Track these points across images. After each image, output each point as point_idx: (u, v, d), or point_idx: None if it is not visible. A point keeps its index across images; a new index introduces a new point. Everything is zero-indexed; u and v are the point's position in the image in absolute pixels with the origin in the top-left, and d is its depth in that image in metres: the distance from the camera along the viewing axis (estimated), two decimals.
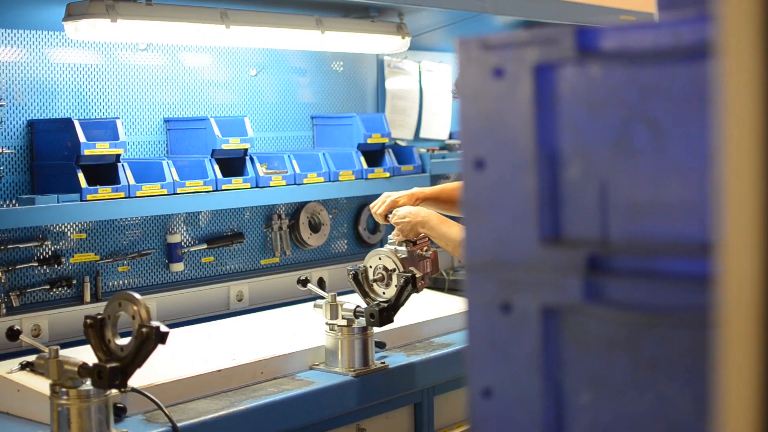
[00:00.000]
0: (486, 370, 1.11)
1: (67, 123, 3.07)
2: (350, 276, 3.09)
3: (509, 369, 1.09)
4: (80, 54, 3.33)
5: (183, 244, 3.59)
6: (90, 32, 2.92)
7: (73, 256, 3.30)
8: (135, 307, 2.30)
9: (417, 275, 2.97)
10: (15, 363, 2.81)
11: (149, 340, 2.27)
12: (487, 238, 1.10)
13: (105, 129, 3.16)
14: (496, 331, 1.10)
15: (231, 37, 3.20)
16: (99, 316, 2.35)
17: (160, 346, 2.29)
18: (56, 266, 3.25)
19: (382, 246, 4.33)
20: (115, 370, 2.29)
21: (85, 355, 2.45)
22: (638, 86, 1.00)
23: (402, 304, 3.02)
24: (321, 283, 3.94)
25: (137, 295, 2.30)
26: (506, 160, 1.08)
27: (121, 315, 2.34)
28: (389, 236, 3.14)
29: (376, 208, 3.21)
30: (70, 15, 2.89)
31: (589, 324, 1.04)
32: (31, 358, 2.82)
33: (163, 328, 2.29)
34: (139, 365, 2.31)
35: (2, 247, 3.10)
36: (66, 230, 3.29)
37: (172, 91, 3.61)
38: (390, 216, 3.14)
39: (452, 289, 4.14)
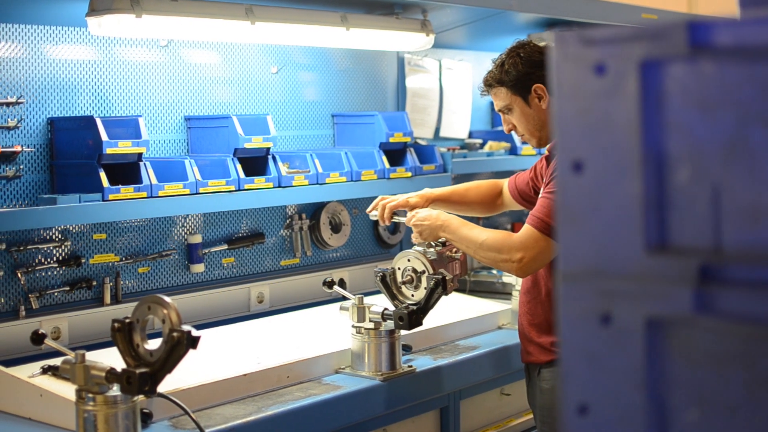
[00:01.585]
0: (582, 385, 1.04)
1: (89, 121, 3.00)
2: (378, 278, 3.02)
3: (608, 384, 1.03)
4: (100, 51, 3.26)
5: (203, 244, 3.52)
6: (114, 28, 2.85)
7: (92, 257, 3.23)
8: (165, 311, 2.23)
9: (447, 277, 2.90)
10: (35, 367, 2.75)
11: (180, 344, 2.20)
12: (585, 246, 1.03)
13: (127, 127, 3.09)
14: (595, 343, 1.03)
15: (256, 33, 3.13)
16: (127, 320, 2.28)
17: None
18: (76, 267, 3.18)
19: (401, 247, 4.29)
20: (144, 376, 2.22)
21: (107, 358, 2.39)
22: (757, 85, 0.94)
23: (431, 307, 2.95)
24: (342, 284, 3.88)
25: (167, 298, 2.23)
26: (608, 162, 1.01)
27: (149, 319, 2.28)
28: (412, 236, 3.06)
29: (378, 210, 3.11)
30: (94, 10, 2.83)
31: (699, 337, 0.98)
32: (52, 361, 2.76)
33: (195, 333, 2.22)
34: (170, 371, 2.24)
35: (21, 248, 3.03)
36: (86, 230, 3.22)
37: (191, 89, 3.54)
38: (406, 218, 3.04)
39: (474, 290, 4.08)
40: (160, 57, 3.44)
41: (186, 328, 2.22)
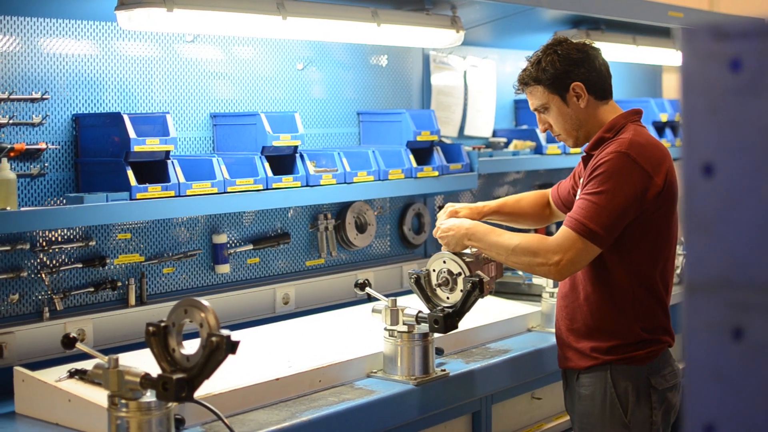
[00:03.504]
0: (709, 403, 0.97)
1: (116, 117, 2.92)
2: (412, 280, 2.94)
3: (739, 403, 0.95)
4: (126, 46, 3.18)
5: (229, 244, 3.44)
6: (144, 22, 2.78)
7: (117, 257, 3.16)
8: (202, 314, 2.16)
9: (484, 279, 2.83)
10: (61, 370, 2.67)
11: (219, 350, 2.13)
12: (715, 255, 0.96)
13: (154, 124, 3.01)
14: (724, 360, 0.96)
15: (287, 28, 3.05)
16: (162, 324, 2.20)
17: None
18: (101, 268, 3.10)
19: (426, 247, 4.22)
20: (181, 382, 2.15)
21: (134, 361, 2.32)
22: None
23: (468, 310, 2.87)
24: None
25: (205, 302, 2.16)
26: (743, 165, 0.94)
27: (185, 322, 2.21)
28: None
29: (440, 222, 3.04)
30: (124, 4, 2.75)
31: None
32: (79, 364, 2.68)
33: (234, 337, 2.15)
34: (207, 376, 2.17)
35: (46, 248, 2.96)
36: (111, 230, 3.14)
37: (216, 86, 3.46)
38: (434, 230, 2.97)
39: (499, 291, 4.00)
40: (186, 53, 3.36)
41: (225, 332, 2.14)
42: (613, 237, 2.64)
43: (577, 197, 2.80)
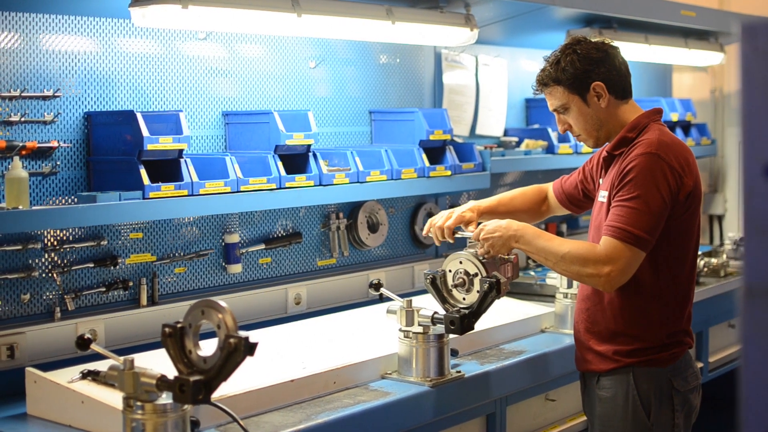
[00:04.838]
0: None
1: (129, 116, 2.89)
2: (428, 280, 2.91)
3: None
4: (138, 44, 3.15)
5: (241, 244, 3.41)
6: (158, 19, 2.74)
7: (128, 257, 3.13)
8: (220, 315, 2.13)
9: (501, 280, 2.79)
10: (73, 371, 2.64)
11: (237, 351, 2.10)
12: None
13: (167, 122, 2.98)
14: None
15: (302, 25, 3.02)
16: (179, 325, 2.17)
17: None
18: (112, 267, 3.07)
19: (438, 247, 4.19)
20: (198, 384, 2.12)
21: (144, 362, 2.28)
22: None
23: (484, 311, 2.84)
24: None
25: (222, 303, 2.13)
26: None
27: (202, 324, 2.18)
28: (468, 239, 2.92)
29: (438, 221, 2.96)
30: (138, 1, 2.71)
31: None
32: (91, 365, 2.65)
33: (253, 339, 2.12)
34: (225, 378, 2.14)
35: (58, 248, 2.92)
36: (122, 230, 3.11)
37: (228, 84, 3.43)
38: (472, 232, 2.89)
39: (511, 292, 3.96)
40: (198, 51, 3.33)
41: (243, 333, 2.11)
42: (655, 240, 2.59)
43: (600, 198, 2.77)
